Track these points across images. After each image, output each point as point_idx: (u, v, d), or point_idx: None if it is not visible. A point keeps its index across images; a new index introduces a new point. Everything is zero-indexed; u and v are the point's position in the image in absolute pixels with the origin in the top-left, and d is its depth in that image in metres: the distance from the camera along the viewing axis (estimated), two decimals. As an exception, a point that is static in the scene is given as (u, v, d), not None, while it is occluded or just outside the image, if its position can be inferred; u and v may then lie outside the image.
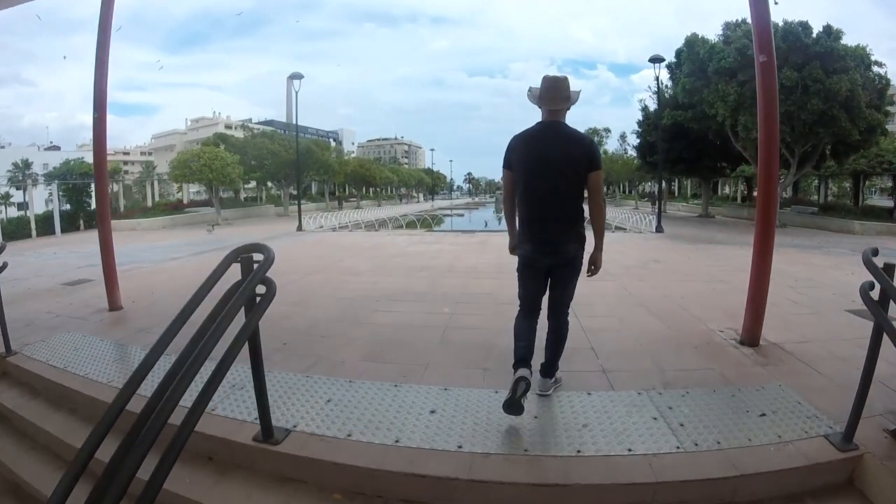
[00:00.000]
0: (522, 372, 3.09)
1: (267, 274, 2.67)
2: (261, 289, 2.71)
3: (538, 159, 3.22)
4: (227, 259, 2.72)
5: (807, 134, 19.02)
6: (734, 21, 20.63)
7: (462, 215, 40.07)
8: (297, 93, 20.74)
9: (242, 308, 2.52)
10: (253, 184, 37.95)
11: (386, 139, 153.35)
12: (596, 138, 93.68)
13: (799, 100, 17.66)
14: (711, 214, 32.10)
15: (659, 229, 18.19)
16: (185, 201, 32.86)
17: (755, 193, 29.04)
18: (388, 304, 6.52)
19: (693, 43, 21.19)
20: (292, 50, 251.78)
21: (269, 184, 36.93)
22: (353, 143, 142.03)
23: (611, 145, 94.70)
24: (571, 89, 3.27)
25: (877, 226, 21.03)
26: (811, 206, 28.96)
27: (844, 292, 7.44)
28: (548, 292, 3.49)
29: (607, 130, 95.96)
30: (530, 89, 3.32)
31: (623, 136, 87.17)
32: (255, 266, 2.70)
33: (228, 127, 76.92)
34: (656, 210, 20.31)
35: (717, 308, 6.25)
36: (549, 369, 3.56)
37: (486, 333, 5.06)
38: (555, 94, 3.23)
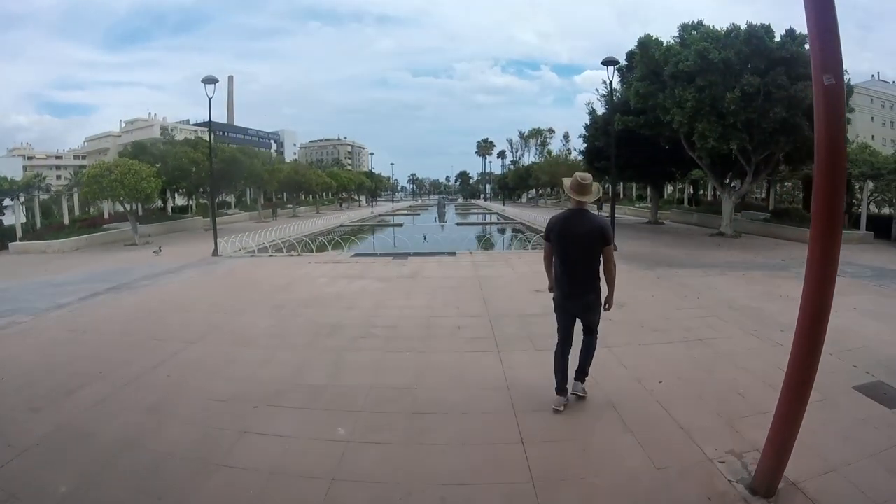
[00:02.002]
0: (558, 402, 4.63)
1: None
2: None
3: (569, 236, 4.51)
4: None
5: (766, 142, 18.20)
6: (691, 22, 19.63)
7: (401, 225, 37.88)
8: (210, 98, 18.17)
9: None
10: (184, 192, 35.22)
11: (329, 140, 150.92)
12: (540, 138, 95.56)
13: (761, 107, 16.75)
14: (661, 220, 31.45)
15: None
16: (106, 216, 29.80)
17: (708, 194, 28.66)
18: (266, 415, 4.79)
19: (647, 44, 19.99)
20: (235, 48, 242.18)
21: (202, 192, 34.29)
22: (294, 145, 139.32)
23: (554, 145, 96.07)
24: (593, 184, 4.57)
25: (833, 235, 20.54)
26: (759, 209, 28.57)
27: (841, 350, 6.41)
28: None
29: (551, 131, 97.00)
30: (563, 183, 4.71)
31: (566, 137, 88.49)
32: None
33: (164, 129, 73.34)
34: (608, 218, 19.07)
35: (708, 405, 4.91)
36: (581, 375, 4.83)
37: (392, 494, 3.48)
38: (583, 191, 4.52)
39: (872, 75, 76.45)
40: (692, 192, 40.24)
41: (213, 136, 25.32)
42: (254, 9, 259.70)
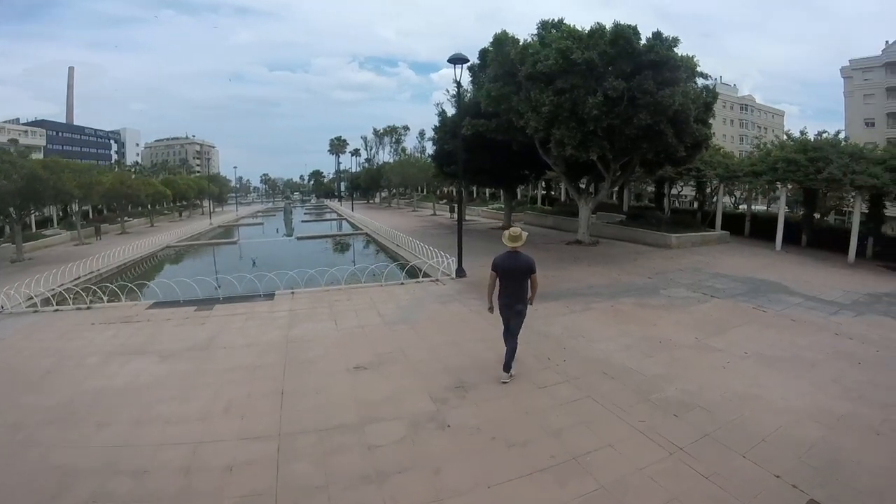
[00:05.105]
0: (504, 375, 6.96)
1: None
2: None
3: (510, 270, 6.81)
4: None
5: (628, 149, 17.32)
6: (551, 20, 18.18)
7: (235, 242, 32.65)
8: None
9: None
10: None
11: (176, 139, 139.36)
12: (395, 136, 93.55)
13: (624, 113, 15.77)
14: (515, 225, 30.12)
15: (460, 272, 14.70)
16: None
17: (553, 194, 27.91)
18: None
19: (502, 42, 18.20)
20: (84, 37, 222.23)
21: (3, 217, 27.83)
22: (138, 144, 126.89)
23: (410, 142, 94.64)
24: (522, 234, 6.97)
25: (692, 237, 20.75)
26: (613, 209, 28.65)
27: (752, 442, 5.23)
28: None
29: (406, 128, 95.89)
30: (503, 235, 6.96)
31: (422, 134, 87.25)
32: None
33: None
34: (455, 219, 16.86)
35: None
36: (505, 367, 6.97)
37: None
38: (516, 240, 6.82)
39: (716, 79, 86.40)
40: (546, 190, 40.26)
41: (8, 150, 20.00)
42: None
